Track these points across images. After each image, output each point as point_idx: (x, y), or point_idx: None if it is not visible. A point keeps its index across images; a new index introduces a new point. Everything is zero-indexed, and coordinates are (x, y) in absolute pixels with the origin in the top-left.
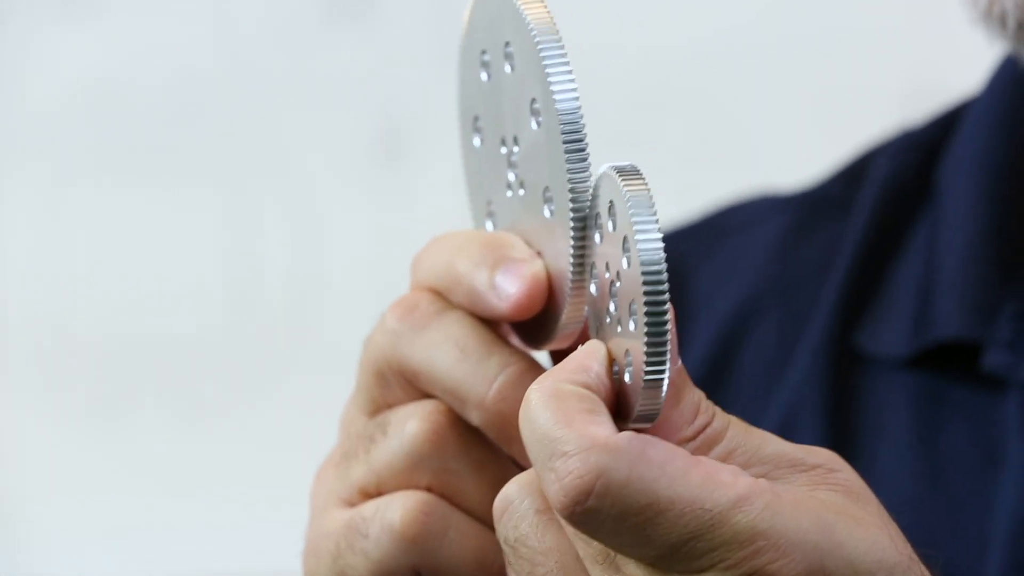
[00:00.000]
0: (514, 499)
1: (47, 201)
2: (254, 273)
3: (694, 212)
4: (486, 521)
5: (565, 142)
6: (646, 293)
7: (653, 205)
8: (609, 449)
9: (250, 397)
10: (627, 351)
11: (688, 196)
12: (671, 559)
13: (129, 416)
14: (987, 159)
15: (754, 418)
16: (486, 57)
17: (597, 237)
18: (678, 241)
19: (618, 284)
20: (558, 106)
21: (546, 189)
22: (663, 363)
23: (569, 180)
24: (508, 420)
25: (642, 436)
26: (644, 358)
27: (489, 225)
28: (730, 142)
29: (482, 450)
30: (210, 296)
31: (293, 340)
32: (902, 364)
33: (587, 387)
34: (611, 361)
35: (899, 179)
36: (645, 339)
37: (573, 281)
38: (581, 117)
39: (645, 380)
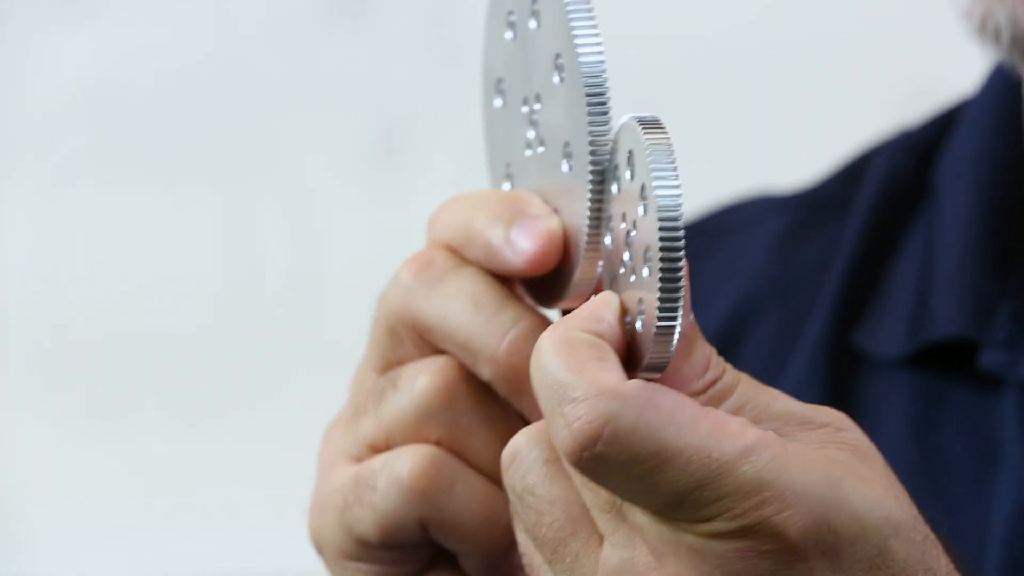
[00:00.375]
0: (522, 449)
1: (47, 201)
2: (253, 273)
3: (694, 212)
4: (494, 477)
5: (587, 94)
6: (661, 239)
7: (673, 154)
8: (618, 396)
9: (250, 397)
10: (640, 300)
11: (688, 196)
12: (677, 507)
13: (129, 416)
14: (983, 159)
15: None
16: (512, 18)
17: (615, 189)
18: None
19: (634, 233)
20: (582, 59)
21: (566, 144)
22: (675, 311)
23: (590, 132)
24: (519, 374)
25: (651, 385)
26: (657, 305)
27: (507, 186)
28: (730, 142)
29: (492, 406)
30: (210, 296)
31: (293, 340)
32: (900, 363)
33: (599, 335)
34: (624, 312)
35: (896, 179)
36: (659, 285)
37: (589, 236)
38: (605, 70)
39: (657, 328)
